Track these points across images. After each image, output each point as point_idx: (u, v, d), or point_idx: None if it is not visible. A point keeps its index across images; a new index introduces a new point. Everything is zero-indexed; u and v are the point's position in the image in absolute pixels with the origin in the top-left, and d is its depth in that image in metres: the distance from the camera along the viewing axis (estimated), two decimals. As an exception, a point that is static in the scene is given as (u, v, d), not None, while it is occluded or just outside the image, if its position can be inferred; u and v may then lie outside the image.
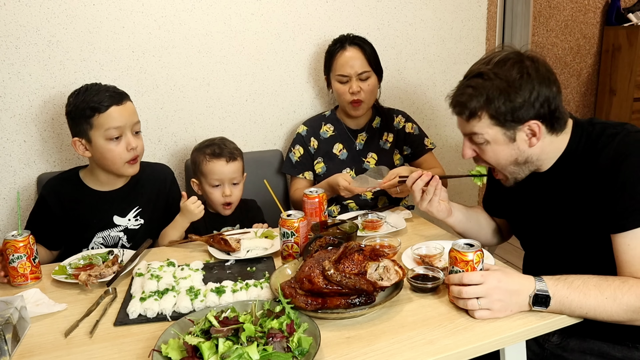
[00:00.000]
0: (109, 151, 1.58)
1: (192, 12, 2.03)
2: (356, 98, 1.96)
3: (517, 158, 1.25)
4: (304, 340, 0.97)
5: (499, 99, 1.18)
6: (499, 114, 1.19)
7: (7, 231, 1.65)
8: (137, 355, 1.03)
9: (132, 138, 1.60)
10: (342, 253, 1.16)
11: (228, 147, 1.79)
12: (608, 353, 1.27)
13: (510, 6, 3.12)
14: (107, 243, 1.69)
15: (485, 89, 1.19)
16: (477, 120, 1.22)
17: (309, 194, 1.56)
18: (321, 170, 2.07)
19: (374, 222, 1.63)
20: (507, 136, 1.22)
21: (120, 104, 1.57)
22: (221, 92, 2.15)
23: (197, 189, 1.83)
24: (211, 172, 1.75)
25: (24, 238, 1.34)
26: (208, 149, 1.77)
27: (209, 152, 1.76)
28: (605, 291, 1.07)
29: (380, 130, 2.10)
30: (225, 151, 1.77)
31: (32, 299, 1.24)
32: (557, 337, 1.35)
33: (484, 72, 1.20)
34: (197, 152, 1.80)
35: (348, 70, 1.94)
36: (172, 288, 1.25)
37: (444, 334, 1.05)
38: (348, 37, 1.99)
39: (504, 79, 1.18)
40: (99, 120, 1.55)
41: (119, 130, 1.57)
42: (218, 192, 1.77)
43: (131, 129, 1.60)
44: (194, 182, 1.84)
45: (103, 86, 1.60)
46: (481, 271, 1.12)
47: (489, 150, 1.26)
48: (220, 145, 1.78)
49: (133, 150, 1.60)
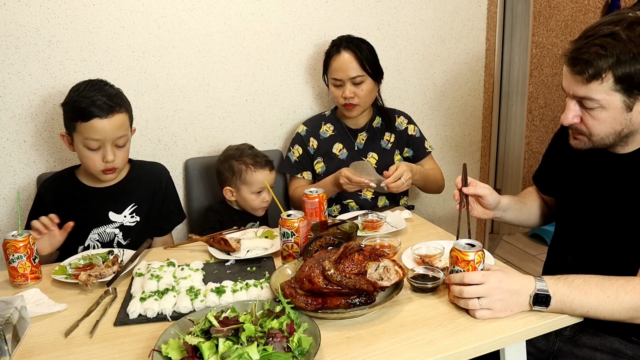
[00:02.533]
0: (85, 157, 1.60)
1: (192, 12, 2.03)
2: (349, 102, 1.96)
3: (623, 129, 1.19)
4: (304, 340, 0.97)
5: (631, 62, 1.09)
6: (626, 79, 1.11)
7: (7, 231, 1.65)
8: (137, 355, 1.03)
9: (110, 151, 1.57)
10: (342, 253, 1.16)
11: (263, 156, 1.92)
12: (619, 350, 1.26)
13: (510, 6, 3.12)
14: (102, 240, 1.69)
15: (616, 49, 1.10)
16: (599, 82, 1.13)
17: (309, 194, 1.56)
18: (321, 170, 2.07)
19: (374, 222, 1.63)
20: (625, 104, 1.15)
21: (106, 117, 1.53)
22: (221, 92, 2.15)
23: (231, 196, 1.91)
24: (257, 181, 1.86)
25: (24, 238, 1.34)
26: (249, 158, 1.87)
27: (251, 162, 1.86)
28: (607, 290, 1.07)
29: (381, 130, 2.10)
30: (265, 160, 1.90)
31: (32, 299, 1.24)
32: (569, 331, 1.33)
33: (615, 32, 1.11)
34: (236, 161, 1.88)
35: (341, 75, 1.95)
36: (172, 288, 1.25)
37: (444, 334, 1.05)
38: (344, 40, 1.98)
39: (638, 43, 1.09)
40: (80, 127, 1.55)
41: (98, 142, 1.56)
42: (260, 198, 1.89)
43: (112, 142, 1.58)
44: (228, 190, 1.90)
45: (100, 91, 1.56)
46: (482, 271, 1.12)
47: (599, 117, 1.18)
48: (258, 154, 1.91)
49: (108, 163, 1.59)
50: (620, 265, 1.18)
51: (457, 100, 2.61)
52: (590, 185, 1.33)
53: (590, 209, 1.33)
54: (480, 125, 2.72)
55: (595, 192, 1.31)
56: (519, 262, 3.18)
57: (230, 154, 1.92)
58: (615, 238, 1.26)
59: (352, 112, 2.00)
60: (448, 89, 2.57)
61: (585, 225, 1.35)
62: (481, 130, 2.73)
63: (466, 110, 2.65)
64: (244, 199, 1.89)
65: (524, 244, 3.46)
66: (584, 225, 1.35)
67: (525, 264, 3.15)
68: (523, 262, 3.19)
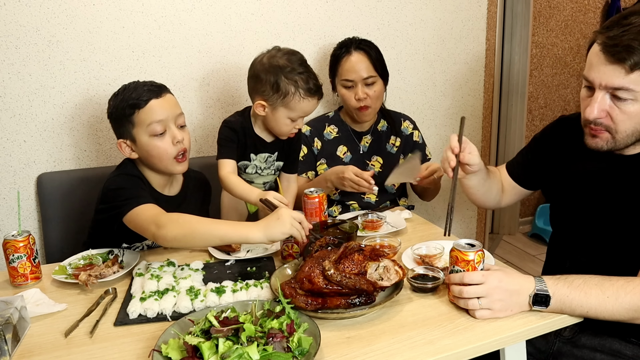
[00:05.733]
0: (154, 148, 1.48)
1: (192, 12, 2.03)
2: (363, 104, 1.93)
3: None
4: (304, 340, 0.97)
5: None
6: None
7: (7, 231, 1.65)
8: (137, 355, 1.03)
9: (177, 131, 1.50)
10: (342, 253, 1.16)
11: (315, 77, 1.61)
12: (619, 351, 1.25)
13: (510, 6, 3.12)
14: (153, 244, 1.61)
15: None
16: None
17: (309, 194, 1.56)
18: (323, 171, 2.06)
19: (374, 222, 1.63)
20: None
21: (160, 96, 1.48)
22: (221, 92, 2.15)
23: (262, 111, 1.61)
24: (302, 110, 1.59)
25: (24, 238, 1.34)
26: (301, 80, 1.56)
27: (304, 87, 1.56)
28: (607, 290, 1.07)
29: (386, 133, 2.09)
30: (317, 86, 1.60)
31: (32, 299, 1.24)
32: (569, 332, 1.32)
33: None
34: (286, 78, 1.55)
35: (353, 76, 1.92)
36: (172, 288, 1.25)
37: (444, 334, 1.05)
38: (354, 41, 1.96)
39: None
40: (139, 116, 1.46)
41: (162, 124, 1.48)
42: (293, 125, 1.63)
43: (175, 122, 1.50)
44: (260, 104, 1.60)
45: (140, 83, 1.52)
46: (482, 271, 1.12)
47: (629, 111, 1.13)
48: (311, 75, 1.59)
49: (179, 144, 1.50)
50: (622, 271, 1.15)
51: (457, 100, 2.61)
52: (595, 189, 1.30)
53: (594, 214, 1.30)
54: (480, 125, 2.72)
55: (601, 197, 1.28)
56: (519, 262, 3.18)
57: (279, 65, 1.56)
58: (620, 245, 1.25)
59: (365, 115, 1.98)
60: (448, 89, 2.57)
61: (588, 232, 1.32)
62: (481, 130, 2.73)
63: (466, 110, 2.65)
64: (276, 120, 1.61)
65: (524, 244, 3.46)
66: (587, 232, 1.32)
67: (525, 264, 3.16)
68: (523, 262, 3.19)
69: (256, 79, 1.60)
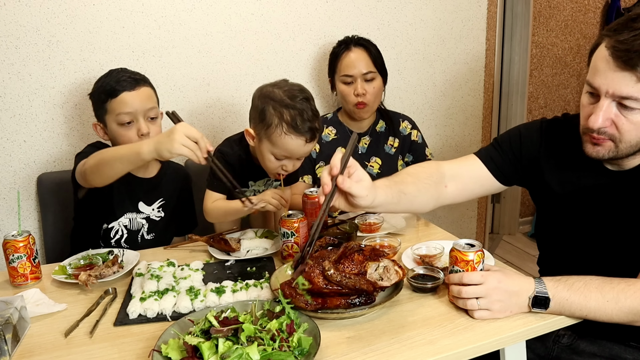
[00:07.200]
0: (120, 136, 1.59)
1: (192, 12, 2.03)
2: (361, 100, 1.94)
3: None
4: (304, 340, 0.97)
5: None
6: None
7: (7, 231, 1.65)
8: (137, 355, 1.03)
9: (143, 124, 1.58)
10: (342, 253, 1.16)
11: (311, 117, 1.47)
12: (619, 356, 1.24)
13: (510, 6, 3.12)
14: (131, 227, 1.70)
15: None
16: None
17: (309, 194, 1.55)
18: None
19: (372, 224, 1.61)
20: None
21: (134, 89, 1.58)
22: (221, 92, 2.15)
23: (250, 140, 1.57)
24: (284, 147, 1.48)
25: (24, 238, 1.34)
26: (288, 114, 1.45)
27: (288, 122, 1.44)
28: (608, 294, 1.06)
29: (385, 134, 2.09)
30: (308, 126, 1.46)
31: (32, 299, 1.24)
32: (567, 339, 1.31)
33: None
34: (272, 108, 1.46)
35: (353, 71, 1.93)
36: (172, 288, 1.25)
37: (444, 334, 1.05)
38: (353, 39, 1.98)
39: None
40: (111, 105, 1.57)
41: (130, 115, 1.57)
42: (279, 164, 1.53)
43: (144, 115, 1.59)
44: (250, 132, 1.55)
45: (124, 71, 1.62)
46: (481, 271, 1.12)
47: (637, 121, 1.05)
48: (304, 113, 1.46)
49: (143, 137, 1.57)
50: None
51: (457, 100, 2.61)
52: (592, 208, 1.22)
53: (588, 235, 1.24)
54: (480, 125, 2.72)
55: (599, 217, 1.21)
56: (519, 263, 3.18)
57: (273, 94, 1.48)
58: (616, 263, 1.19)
59: (363, 112, 1.98)
60: (448, 89, 2.57)
61: (580, 253, 1.26)
62: (481, 130, 2.73)
63: (466, 110, 2.65)
64: (261, 153, 1.53)
65: (524, 244, 3.46)
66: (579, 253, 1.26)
67: (525, 264, 3.15)
68: (523, 262, 3.19)
69: (251, 105, 1.57)
